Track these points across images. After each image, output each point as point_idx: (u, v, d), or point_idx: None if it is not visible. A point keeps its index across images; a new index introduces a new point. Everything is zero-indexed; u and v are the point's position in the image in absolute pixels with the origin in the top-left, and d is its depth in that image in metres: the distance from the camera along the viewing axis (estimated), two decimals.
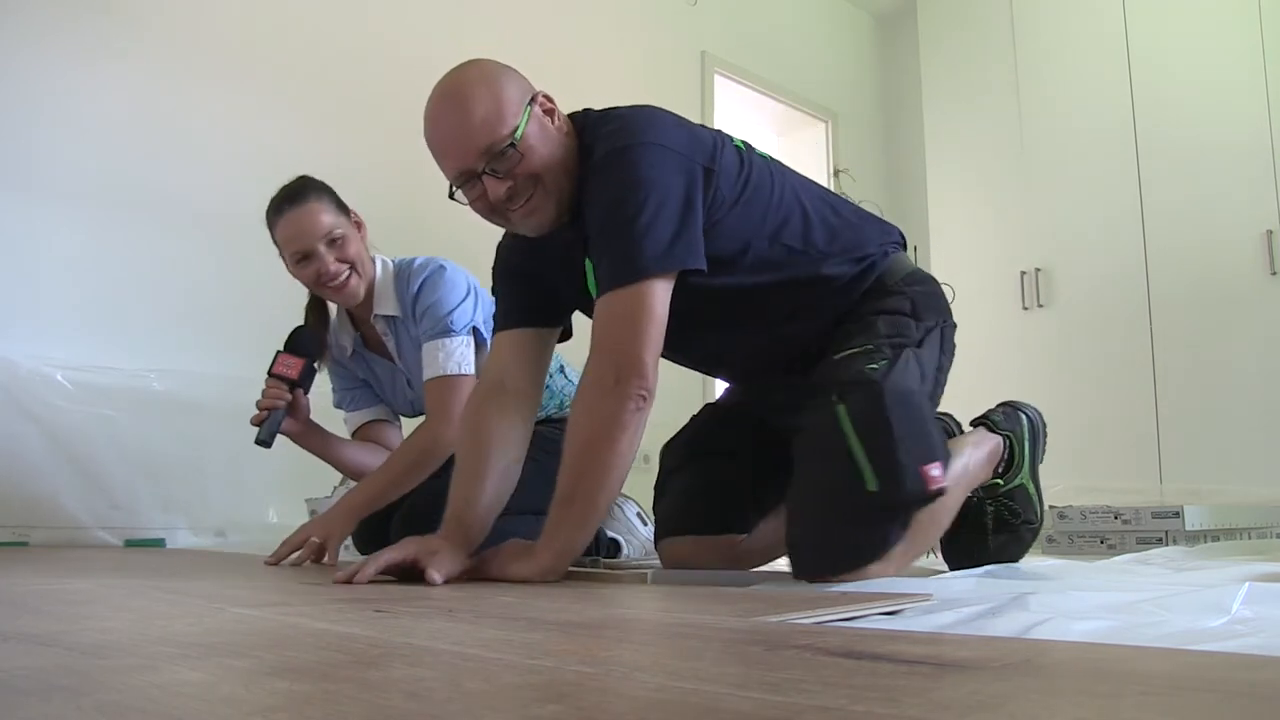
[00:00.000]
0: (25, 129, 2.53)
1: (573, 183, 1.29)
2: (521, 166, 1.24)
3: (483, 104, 1.22)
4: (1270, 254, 3.44)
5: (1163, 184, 3.73)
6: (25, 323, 2.47)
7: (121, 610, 0.85)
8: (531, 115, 1.25)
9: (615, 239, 1.21)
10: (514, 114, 1.23)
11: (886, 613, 0.86)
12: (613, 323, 1.21)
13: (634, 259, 1.19)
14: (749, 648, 0.65)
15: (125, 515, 2.49)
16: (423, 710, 0.40)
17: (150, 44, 2.77)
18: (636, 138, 1.24)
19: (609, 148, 1.24)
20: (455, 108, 1.24)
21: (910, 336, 1.38)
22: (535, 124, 1.25)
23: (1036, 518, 1.54)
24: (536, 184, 1.26)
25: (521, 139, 1.23)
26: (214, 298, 2.78)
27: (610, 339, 1.21)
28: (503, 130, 1.22)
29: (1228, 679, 0.50)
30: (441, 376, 1.77)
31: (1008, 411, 1.58)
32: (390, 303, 1.87)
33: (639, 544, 2.08)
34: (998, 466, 1.53)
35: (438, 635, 0.66)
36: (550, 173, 1.26)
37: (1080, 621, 0.79)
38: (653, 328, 1.20)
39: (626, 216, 1.20)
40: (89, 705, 0.41)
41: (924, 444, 1.23)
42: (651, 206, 1.20)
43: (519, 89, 1.27)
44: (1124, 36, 3.88)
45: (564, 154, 1.28)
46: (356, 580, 1.15)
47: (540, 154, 1.25)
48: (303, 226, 1.76)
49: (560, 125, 1.29)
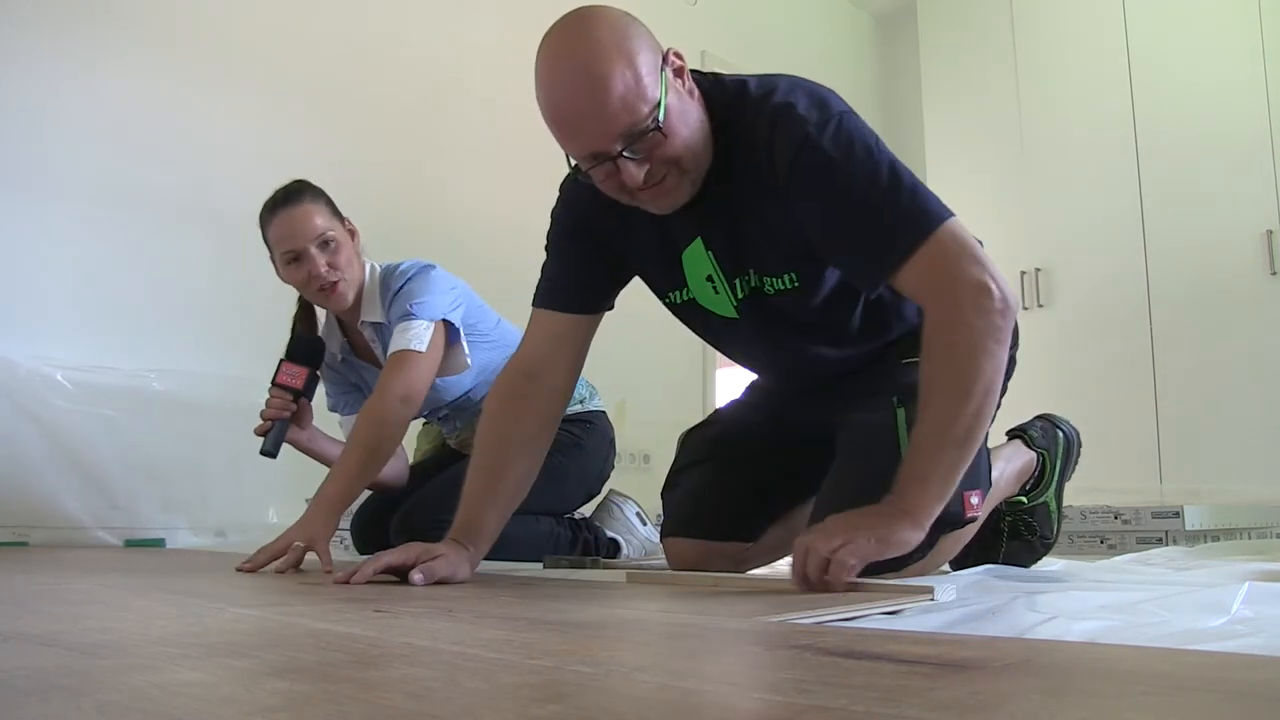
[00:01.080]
0: (26, 130, 2.53)
1: (709, 149, 1.17)
2: (662, 149, 1.10)
3: (621, 77, 1.04)
4: (1270, 254, 3.44)
5: (1163, 184, 3.72)
6: (25, 323, 2.47)
7: (121, 610, 0.85)
8: (669, 84, 1.09)
9: (884, 210, 1.09)
10: (653, 85, 1.07)
11: (886, 613, 0.86)
12: (936, 274, 1.08)
13: (922, 213, 1.09)
14: (749, 648, 0.65)
15: (125, 515, 2.49)
16: (423, 710, 0.40)
17: (151, 45, 2.77)
18: (831, 110, 1.13)
19: (808, 132, 1.10)
20: (587, 81, 1.05)
21: None
22: (674, 95, 1.10)
23: (1052, 535, 1.53)
24: (674, 165, 1.13)
25: (665, 117, 1.08)
26: (214, 298, 2.78)
27: (947, 286, 1.07)
28: (644, 109, 1.06)
29: (1228, 679, 0.50)
30: (395, 351, 1.75)
31: (1045, 427, 1.55)
32: (376, 309, 1.87)
33: (639, 544, 2.08)
34: (1026, 483, 1.50)
35: (438, 635, 0.66)
36: (690, 153, 1.14)
37: (1080, 621, 0.79)
38: (983, 254, 1.09)
39: (883, 188, 1.10)
40: (89, 705, 0.41)
41: (973, 469, 1.20)
42: (902, 171, 1.11)
43: (650, 49, 1.09)
44: (1124, 36, 3.88)
45: (699, 127, 1.14)
46: (355, 580, 1.14)
47: (682, 135, 1.11)
48: (295, 226, 1.76)
49: (691, 87, 1.15)
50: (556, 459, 1.99)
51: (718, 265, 1.26)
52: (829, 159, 1.10)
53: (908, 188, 1.10)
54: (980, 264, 1.07)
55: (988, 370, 1.04)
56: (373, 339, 1.92)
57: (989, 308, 1.05)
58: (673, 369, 3.99)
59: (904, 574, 1.19)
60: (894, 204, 1.10)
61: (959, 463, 1.04)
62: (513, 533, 1.91)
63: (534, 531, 1.94)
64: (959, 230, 1.10)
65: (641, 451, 3.56)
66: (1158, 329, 3.68)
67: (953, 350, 1.05)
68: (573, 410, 2.09)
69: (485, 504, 1.27)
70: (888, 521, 1.00)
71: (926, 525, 1.02)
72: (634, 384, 3.40)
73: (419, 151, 3.28)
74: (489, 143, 3.48)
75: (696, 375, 4.17)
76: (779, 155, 1.13)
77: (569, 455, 2.01)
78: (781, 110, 1.13)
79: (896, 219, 1.09)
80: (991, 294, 1.06)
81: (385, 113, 3.21)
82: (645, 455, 3.60)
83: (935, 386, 1.06)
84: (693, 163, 1.15)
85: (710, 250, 1.25)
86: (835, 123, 1.12)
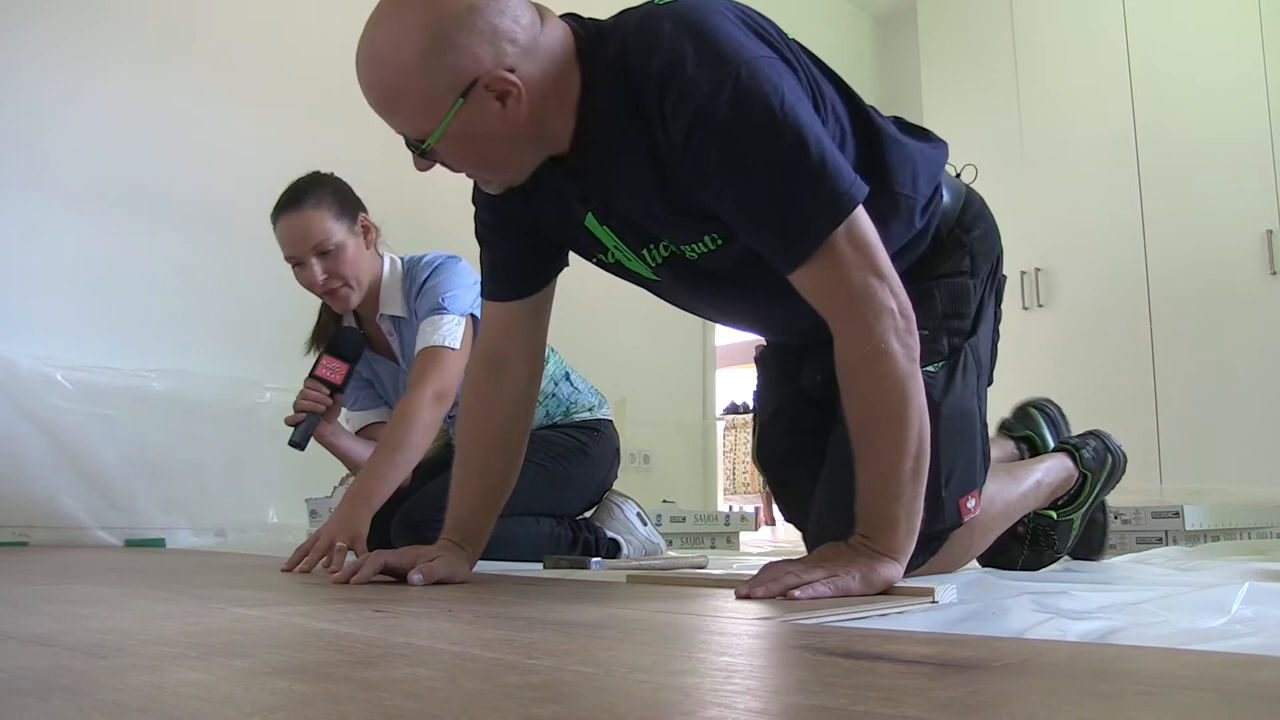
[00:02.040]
0: (25, 130, 2.53)
1: (531, 153, 1.08)
2: (449, 165, 1.07)
3: (394, 95, 1.01)
4: (1270, 254, 3.44)
5: (1163, 184, 3.72)
6: (25, 323, 2.47)
7: (121, 610, 0.85)
8: (460, 114, 1.00)
9: (783, 200, 0.99)
10: (437, 104, 0.99)
11: (886, 613, 0.86)
12: (837, 290, 1.00)
13: (824, 205, 0.98)
14: (749, 648, 0.65)
15: (125, 515, 2.49)
16: (423, 710, 0.40)
17: (152, 45, 2.77)
18: (728, 64, 0.97)
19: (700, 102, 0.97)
20: (369, 79, 1.03)
21: (967, 314, 1.28)
22: (463, 123, 1.00)
23: (1066, 550, 1.51)
24: (470, 174, 1.10)
25: (440, 143, 1.02)
26: (214, 298, 2.78)
27: (842, 303, 1.01)
28: (419, 124, 1.02)
29: (1228, 679, 0.50)
30: (425, 347, 1.74)
31: (1099, 449, 1.52)
32: (397, 303, 1.86)
33: (639, 544, 2.08)
34: (1059, 498, 1.48)
35: (438, 635, 0.66)
36: (486, 170, 1.09)
37: (1080, 621, 0.79)
38: (883, 261, 1.01)
39: (785, 166, 0.98)
40: (89, 705, 0.41)
41: (967, 474, 1.18)
42: (809, 138, 0.97)
43: (451, 74, 0.98)
44: (1124, 36, 3.88)
45: (512, 148, 1.06)
46: (355, 580, 1.14)
47: (465, 157, 1.06)
48: (293, 234, 1.75)
49: (517, 110, 1.01)
50: (561, 464, 2.00)
51: (618, 238, 1.18)
52: (724, 131, 0.97)
53: (814, 163, 0.97)
54: (880, 275, 1.00)
55: (915, 395, 1.00)
56: (390, 332, 1.91)
57: (899, 328, 1.00)
58: (673, 369, 3.99)
59: (917, 574, 1.19)
60: (794, 192, 0.98)
61: (917, 496, 1.00)
62: (513, 533, 1.92)
63: (534, 532, 1.94)
64: (862, 228, 1.00)
65: (641, 451, 3.56)
66: (1158, 329, 3.68)
67: (877, 384, 1.00)
68: (580, 417, 2.09)
69: (472, 504, 1.25)
70: (869, 561, 0.97)
71: (905, 561, 1.00)
72: (634, 384, 3.41)
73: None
74: None
75: (696, 375, 4.17)
76: (673, 128, 1.00)
77: (574, 461, 2.01)
78: (669, 74, 0.98)
79: (796, 213, 0.99)
80: (894, 314, 1.00)
81: None
82: (645, 455, 3.60)
83: (872, 425, 1.01)
84: (491, 174, 1.10)
85: (606, 225, 1.16)
86: (732, 83, 0.96)
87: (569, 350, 2.27)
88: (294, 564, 1.42)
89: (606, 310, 3.41)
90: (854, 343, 1.00)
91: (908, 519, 1.00)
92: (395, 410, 1.72)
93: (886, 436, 1.00)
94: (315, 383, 1.71)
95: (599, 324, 3.31)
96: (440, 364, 1.71)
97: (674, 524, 2.87)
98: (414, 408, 1.67)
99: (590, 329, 3.20)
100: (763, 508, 6.18)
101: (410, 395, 1.69)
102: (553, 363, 2.12)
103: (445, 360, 1.72)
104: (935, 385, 1.19)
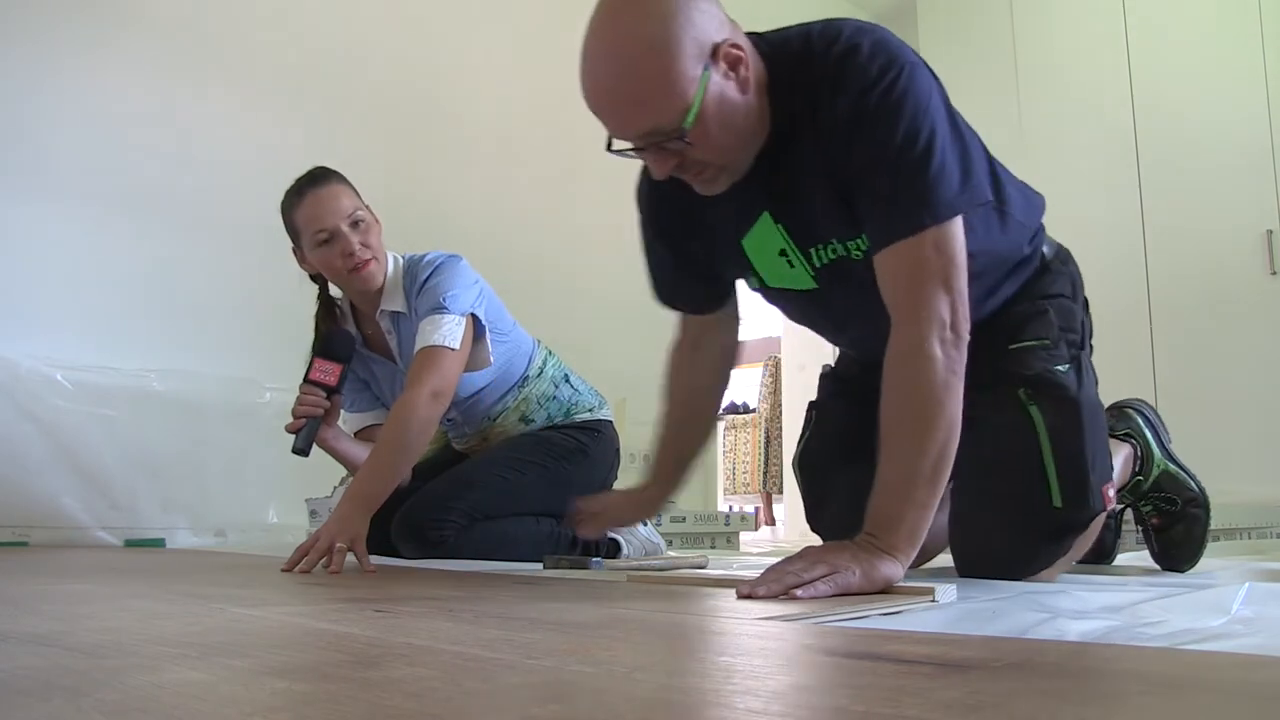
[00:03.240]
0: (25, 129, 2.53)
1: (756, 138, 1.14)
2: (691, 152, 1.08)
3: (648, 78, 1.01)
4: (1270, 254, 3.44)
5: (1163, 184, 3.72)
6: (25, 323, 2.47)
7: (121, 610, 0.85)
8: (712, 84, 1.04)
9: (898, 184, 1.07)
10: (688, 86, 1.02)
11: (887, 613, 0.86)
12: (903, 282, 1.07)
13: (926, 203, 1.07)
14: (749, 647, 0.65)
15: (125, 515, 2.49)
16: (423, 710, 0.40)
17: (152, 45, 2.77)
18: (896, 61, 1.08)
19: (865, 84, 1.07)
20: (612, 75, 1.04)
21: (1078, 330, 1.36)
22: (714, 97, 1.04)
23: (1195, 490, 1.54)
24: (706, 164, 1.12)
25: (695, 124, 1.04)
26: (214, 298, 2.78)
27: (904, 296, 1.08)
28: (671, 112, 1.03)
29: (1228, 679, 0.50)
30: (424, 346, 1.73)
31: (1116, 414, 1.58)
32: (398, 298, 1.86)
33: (639, 544, 2.08)
34: (1135, 466, 1.53)
35: (438, 635, 0.66)
36: (724, 153, 1.11)
37: (1080, 621, 0.79)
38: (958, 277, 1.07)
39: (911, 159, 1.07)
40: (89, 705, 0.41)
41: (1107, 464, 1.24)
42: (937, 147, 1.07)
43: (696, 43, 1.02)
44: (1124, 36, 3.88)
45: (744, 123, 1.10)
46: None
47: (715, 139, 1.07)
48: (327, 205, 1.74)
49: (746, 77, 1.08)
50: (562, 465, 2.00)
51: (788, 237, 1.24)
52: (875, 113, 1.07)
53: (935, 167, 1.07)
54: (948, 287, 1.06)
55: (949, 405, 1.04)
56: (389, 330, 1.90)
57: (946, 339, 1.05)
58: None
59: (1054, 565, 1.25)
60: (910, 181, 1.07)
61: (931, 498, 1.03)
62: (513, 533, 1.92)
63: (534, 532, 1.94)
64: (950, 240, 1.07)
65: (641, 451, 3.56)
66: (1157, 329, 3.68)
67: (916, 385, 1.04)
68: (581, 418, 2.09)
69: (672, 455, 1.39)
70: (870, 558, 0.98)
71: (907, 562, 1.01)
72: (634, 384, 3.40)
73: (420, 151, 3.28)
74: (490, 142, 3.48)
75: None
76: (838, 104, 1.09)
77: (574, 462, 2.01)
78: (845, 57, 1.09)
79: (904, 198, 1.07)
80: (944, 324, 1.05)
81: (386, 112, 3.21)
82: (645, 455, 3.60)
83: (899, 422, 1.05)
84: (728, 159, 1.13)
85: (780, 223, 1.23)
86: (894, 75, 1.07)
87: (569, 350, 2.27)
88: (294, 564, 1.41)
89: (607, 310, 3.41)
90: (900, 337, 1.07)
91: (914, 522, 1.01)
92: (392, 409, 1.71)
93: (911, 436, 1.03)
94: (310, 387, 1.70)
95: (599, 324, 3.32)
96: (439, 363, 1.71)
97: (674, 524, 2.87)
98: (411, 406, 1.65)
99: (590, 329, 3.21)
100: (763, 508, 6.18)
101: (408, 394, 1.68)
102: (551, 365, 2.12)
103: (444, 360, 1.71)
104: (1069, 382, 1.25)
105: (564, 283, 3.41)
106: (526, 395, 2.05)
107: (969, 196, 1.09)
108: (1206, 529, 1.51)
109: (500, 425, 2.06)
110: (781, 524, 5.67)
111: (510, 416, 2.05)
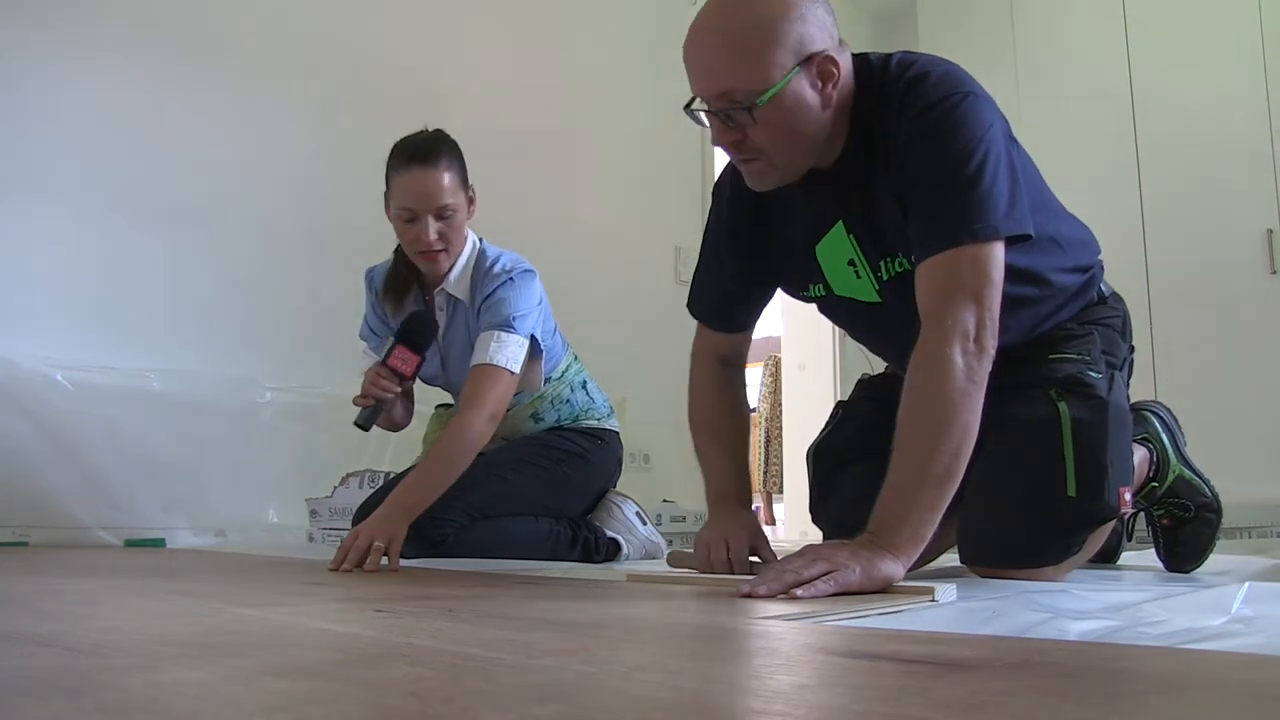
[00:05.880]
0: (24, 129, 2.53)
1: (816, 151, 1.20)
2: (753, 132, 1.14)
3: (742, 46, 1.10)
4: (1270, 253, 3.44)
5: (1163, 184, 3.72)
6: (25, 323, 2.47)
7: (121, 610, 0.85)
8: (795, 84, 1.12)
9: (944, 200, 1.13)
10: (773, 72, 1.10)
11: (886, 613, 0.86)
12: (938, 292, 1.11)
13: (971, 220, 1.11)
14: (749, 647, 0.65)
15: (125, 515, 2.48)
16: (423, 710, 0.40)
17: (152, 45, 2.77)
18: (960, 88, 1.16)
19: (928, 103, 1.15)
20: (712, 32, 1.12)
21: (1119, 356, 1.39)
22: (792, 96, 1.12)
23: (1209, 497, 1.54)
24: (763, 152, 1.17)
25: (764, 107, 1.11)
26: (213, 297, 2.78)
27: (934, 305, 1.11)
28: (748, 85, 1.10)
29: (1228, 679, 0.50)
30: (486, 364, 1.73)
31: (1133, 416, 1.54)
32: (463, 286, 1.87)
33: (639, 544, 2.08)
34: (1150, 471, 1.53)
35: (438, 635, 0.66)
36: (782, 150, 1.17)
37: (1080, 621, 0.79)
38: (990, 294, 1.10)
39: (961, 178, 1.12)
40: (89, 705, 0.41)
41: (1126, 466, 1.26)
42: (988, 171, 1.12)
43: (795, 43, 1.11)
44: (1124, 36, 3.88)
45: (811, 132, 1.17)
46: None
47: (777, 128, 1.13)
48: (423, 189, 1.74)
49: (831, 94, 1.16)
50: (561, 468, 2.00)
51: (859, 248, 1.29)
52: (935, 130, 1.14)
53: (983, 189, 1.11)
54: (980, 304, 1.09)
55: (965, 412, 1.06)
56: (442, 307, 1.91)
57: (969, 350, 1.08)
58: (673, 369, 3.98)
59: (1065, 564, 1.25)
60: (955, 198, 1.12)
61: (938, 502, 1.04)
62: (513, 532, 1.92)
63: (534, 531, 1.94)
64: (988, 259, 1.11)
65: (641, 451, 3.56)
66: (1158, 329, 3.68)
67: (934, 389, 1.07)
68: (586, 423, 2.09)
69: (732, 475, 1.39)
70: (871, 556, 0.98)
71: (909, 562, 1.01)
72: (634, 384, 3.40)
73: None
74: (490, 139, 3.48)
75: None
76: (902, 121, 1.16)
77: (573, 465, 2.01)
78: (914, 81, 1.17)
79: (948, 213, 1.12)
80: (968, 336, 1.08)
81: (385, 111, 3.20)
82: (645, 455, 3.60)
83: (914, 423, 1.07)
84: (785, 158, 1.18)
85: (852, 234, 1.28)
86: (956, 99, 1.15)
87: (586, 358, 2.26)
88: (339, 563, 1.45)
89: (607, 310, 3.41)
90: (924, 344, 1.10)
91: (918, 523, 1.02)
92: (450, 425, 1.72)
93: (924, 439, 1.05)
94: (386, 370, 1.67)
95: (599, 324, 3.31)
96: (498, 385, 1.73)
97: (674, 524, 2.87)
98: (468, 427, 1.68)
99: (590, 329, 3.21)
100: (763, 507, 6.18)
101: (466, 414, 1.69)
102: (573, 370, 2.11)
103: (503, 382, 1.74)
104: (1100, 384, 1.28)
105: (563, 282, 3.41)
106: (543, 394, 2.05)
107: (1011, 225, 1.13)
108: (1216, 532, 1.52)
109: (510, 420, 2.06)
110: (782, 523, 5.66)
111: (522, 412, 2.04)
